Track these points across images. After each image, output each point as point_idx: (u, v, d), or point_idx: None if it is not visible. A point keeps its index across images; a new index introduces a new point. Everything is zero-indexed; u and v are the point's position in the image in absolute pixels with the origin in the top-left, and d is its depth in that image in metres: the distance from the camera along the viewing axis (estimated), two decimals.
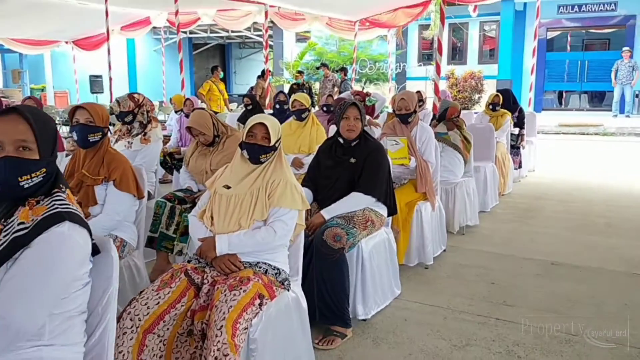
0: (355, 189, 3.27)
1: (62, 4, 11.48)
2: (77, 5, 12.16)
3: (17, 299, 1.44)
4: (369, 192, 3.25)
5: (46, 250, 1.49)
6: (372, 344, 3.08)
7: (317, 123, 5.11)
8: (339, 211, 3.22)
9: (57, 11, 12.35)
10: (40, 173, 1.58)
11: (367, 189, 3.25)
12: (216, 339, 2.08)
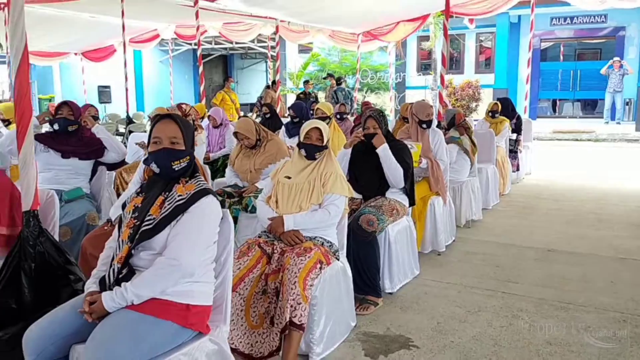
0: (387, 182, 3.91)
1: (74, 17, 11.83)
2: (89, 18, 12.58)
3: (184, 247, 2.05)
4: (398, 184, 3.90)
5: (199, 214, 2.12)
6: (400, 311, 3.69)
7: (338, 129, 5.74)
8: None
9: (70, 24, 12.76)
10: (185, 160, 2.21)
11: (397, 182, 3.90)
12: (292, 292, 2.70)
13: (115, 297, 2.00)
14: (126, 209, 2.25)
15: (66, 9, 11.48)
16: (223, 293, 2.29)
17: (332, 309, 3.06)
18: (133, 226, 2.14)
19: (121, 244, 2.14)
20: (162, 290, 2.04)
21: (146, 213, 2.14)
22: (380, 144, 3.84)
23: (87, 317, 2.00)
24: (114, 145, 4.22)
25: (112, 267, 2.12)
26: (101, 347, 1.86)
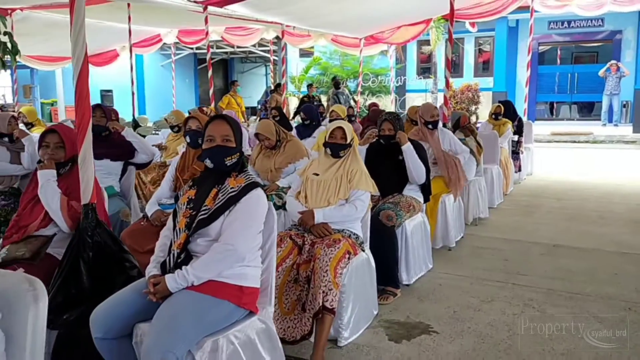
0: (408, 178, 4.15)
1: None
2: (94, 23, 12.68)
3: (238, 234, 2.27)
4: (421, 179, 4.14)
5: (250, 205, 2.34)
6: (417, 300, 3.92)
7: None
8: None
9: None
10: (236, 156, 2.43)
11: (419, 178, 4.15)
12: (324, 279, 2.92)
13: (178, 279, 2.21)
14: (180, 200, 2.47)
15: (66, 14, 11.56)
16: (268, 277, 2.51)
17: (358, 296, 3.29)
18: (189, 216, 2.36)
19: (179, 232, 2.36)
20: (218, 273, 2.26)
21: (202, 204, 2.36)
22: (404, 142, 4.08)
23: (151, 297, 2.22)
24: (143, 147, 4.43)
25: (172, 252, 2.34)
26: (168, 323, 2.08)
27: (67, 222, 2.80)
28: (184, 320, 2.09)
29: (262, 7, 9.77)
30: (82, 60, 2.49)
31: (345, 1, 9.93)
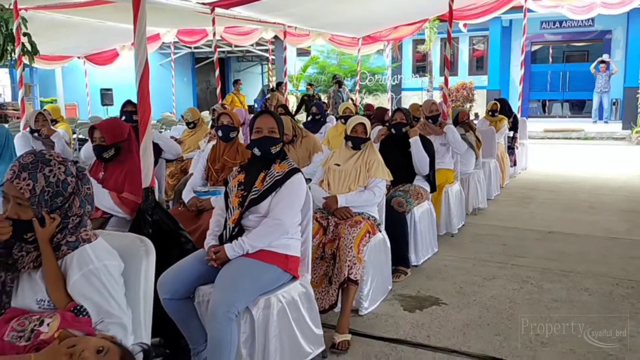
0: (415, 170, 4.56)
1: (81, 22, 12.03)
2: (96, 23, 12.86)
3: (285, 211, 2.68)
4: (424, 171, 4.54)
5: (293, 186, 2.74)
6: (426, 279, 4.33)
7: None
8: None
9: (76, 29, 13.04)
10: (279, 145, 2.83)
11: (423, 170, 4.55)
12: (349, 254, 3.32)
13: (235, 248, 2.61)
14: (230, 184, 2.88)
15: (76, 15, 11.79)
16: (306, 248, 2.92)
17: (376, 272, 3.70)
18: (241, 196, 2.76)
19: (233, 210, 2.76)
20: (268, 243, 2.66)
21: (252, 186, 2.76)
22: (414, 134, 4.51)
23: (212, 263, 2.62)
24: (169, 148, 4.78)
25: (227, 227, 2.74)
26: (230, 283, 2.47)
27: (125, 211, 3.19)
28: (243, 281, 2.49)
29: (266, 9, 10.13)
30: (143, 64, 2.88)
31: (347, 3, 10.33)
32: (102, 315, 1.74)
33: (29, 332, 1.58)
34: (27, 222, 1.75)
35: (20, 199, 1.74)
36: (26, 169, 1.74)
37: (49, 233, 1.76)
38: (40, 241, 1.75)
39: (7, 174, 1.75)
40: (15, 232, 1.75)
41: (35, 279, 1.77)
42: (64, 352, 1.46)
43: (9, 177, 1.74)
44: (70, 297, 1.73)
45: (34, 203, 1.75)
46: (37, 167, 1.76)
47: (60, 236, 1.78)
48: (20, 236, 1.76)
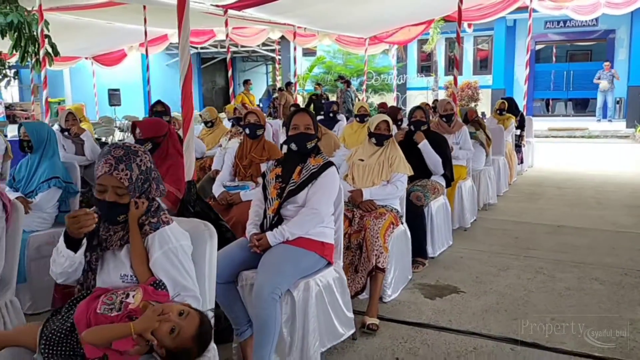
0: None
1: (90, 23, 12.18)
2: (105, 24, 13.00)
3: (321, 201, 2.88)
4: (445, 168, 4.75)
5: (328, 178, 2.95)
6: (443, 269, 4.54)
7: None
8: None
9: (85, 30, 13.16)
10: (314, 141, 3.04)
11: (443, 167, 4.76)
12: (375, 244, 3.53)
13: (276, 235, 2.82)
14: (268, 177, 3.09)
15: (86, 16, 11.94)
16: (338, 237, 3.13)
17: (398, 261, 3.91)
18: (279, 188, 2.98)
19: (272, 200, 2.97)
20: (306, 231, 2.87)
21: (289, 178, 2.98)
22: (421, 139, 4.70)
23: (255, 250, 2.83)
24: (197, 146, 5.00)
25: (267, 216, 2.95)
26: (273, 267, 2.68)
27: (167, 204, 3.40)
28: (285, 265, 2.70)
29: (277, 10, 10.35)
30: (187, 66, 3.09)
31: (356, 4, 10.53)
32: (179, 289, 1.96)
33: (118, 303, 1.80)
34: (122, 206, 1.97)
35: (120, 187, 1.96)
36: (122, 161, 1.96)
37: (139, 214, 1.98)
38: (131, 222, 1.98)
39: (102, 168, 1.95)
40: (112, 215, 1.97)
41: (120, 257, 1.99)
42: (155, 319, 1.68)
43: (107, 170, 1.95)
44: (151, 273, 1.95)
45: (131, 190, 1.98)
46: (130, 158, 1.98)
47: (144, 217, 2.00)
48: (115, 219, 1.98)
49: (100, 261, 2.00)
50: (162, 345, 1.75)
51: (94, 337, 1.70)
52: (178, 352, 1.78)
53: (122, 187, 1.97)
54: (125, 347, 1.71)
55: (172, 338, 1.74)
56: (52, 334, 1.79)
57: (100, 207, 1.98)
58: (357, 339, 3.24)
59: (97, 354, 1.73)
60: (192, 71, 8.37)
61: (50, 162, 3.80)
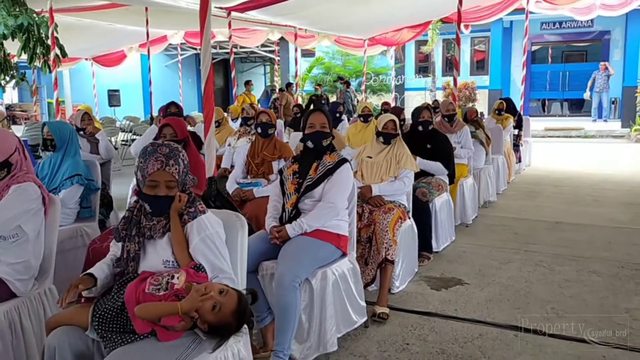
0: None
1: (91, 25, 12.39)
2: (106, 26, 13.10)
3: (337, 195, 3.06)
4: (447, 167, 4.94)
5: (343, 174, 3.12)
6: (447, 263, 4.73)
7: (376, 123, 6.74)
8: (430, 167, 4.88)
9: (86, 31, 13.26)
10: (330, 139, 3.22)
11: (445, 166, 4.94)
12: (385, 237, 3.71)
13: (295, 227, 3.00)
14: (285, 173, 3.27)
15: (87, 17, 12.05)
16: (352, 229, 3.31)
17: (405, 254, 4.09)
18: (297, 183, 3.16)
19: (290, 195, 3.15)
20: (323, 223, 3.05)
21: (306, 174, 3.16)
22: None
23: (275, 241, 3.00)
24: None
25: (285, 210, 3.13)
26: (293, 257, 2.86)
27: None
28: (304, 255, 2.88)
29: (279, 12, 10.53)
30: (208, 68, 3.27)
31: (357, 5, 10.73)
32: (216, 272, 2.14)
33: (165, 284, 1.97)
34: (171, 198, 2.16)
35: (173, 182, 2.14)
36: (170, 157, 2.14)
37: (181, 207, 2.16)
38: (173, 212, 2.16)
39: (153, 165, 2.12)
40: (163, 207, 2.16)
41: (161, 244, 2.16)
42: (199, 299, 1.87)
43: (159, 167, 2.13)
44: (191, 258, 2.12)
45: (180, 182, 2.15)
46: (176, 154, 2.17)
47: (184, 208, 2.18)
48: (165, 211, 2.17)
49: (142, 249, 2.18)
50: (205, 321, 1.94)
51: (145, 313, 1.88)
52: (219, 327, 1.97)
53: (174, 180, 2.15)
54: (172, 323, 1.89)
55: (214, 314, 1.92)
56: (104, 312, 1.97)
57: (151, 201, 2.16)
58: (369, 327, 3.42)
59: (146, 330, 1.91)
60: (193, 72, 8.41)
61: (73, 160, 3.96)
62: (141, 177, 2.16)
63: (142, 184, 2.17)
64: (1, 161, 2.60)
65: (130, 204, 2.45)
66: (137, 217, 2.21)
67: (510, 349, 3.13)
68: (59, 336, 1.95)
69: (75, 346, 1.96)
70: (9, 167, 2.64)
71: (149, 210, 2.18)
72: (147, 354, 1.87)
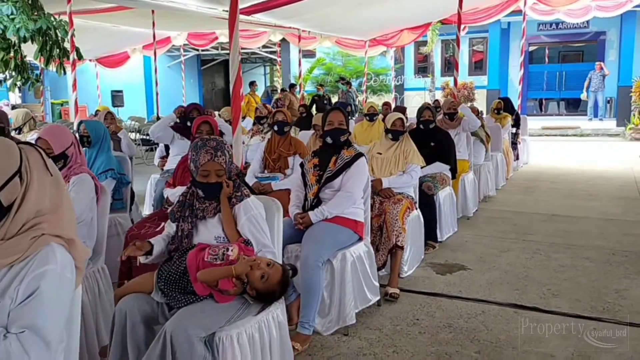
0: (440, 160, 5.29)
1: (96, 26, 12.66)
2: (111, 27, 13.35)
3: (355, 185, 3.40)
4: (449, 162, 5.29)
5: (360, 167, 3.47)
6: (450, 251, 5.07)
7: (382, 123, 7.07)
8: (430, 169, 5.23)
9: (91, 33, 13.46)
10: (347, 135, 3.56)
11: (447, 161, 5.29)
12: (395, 225, 4.06)
13: (317, 214, 3.35)
14: (306, 166, 3.61)
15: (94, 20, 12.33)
16: (367, 216, 3.65)
17: (413, 242, 4.44)
18: (317, 175, 3.50)
19: (311, 186, 3.50)
20: (342, 210, 3.39)
21: (326, 166, 3.50)
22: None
23: (299, 227, 3.35)
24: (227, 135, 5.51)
25: (307, 199, 3.48)
26: (316, 240, 3.20)
27: None
28: (326, 238, 3.23)
29: (284, 15, 10.87)
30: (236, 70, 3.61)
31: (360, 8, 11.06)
32: (260, 247, 2.48)
33: (221, 255, 2.32)
34: (220, 185, 2.50)
35: (221, 170, 2.48)
36: (218, 149, 2.48)
37: (230, 190, 2.51)
38: (222, 196, 2.50)
39: (204, 157, 2.46)
40: (215, 192, 2.51)
41: (212, 223, 2.51)
42: (249, 264, 2.21)
43: (210, 158, 2.47)
44: (239, 234, 2.47)
45: (227, 171, 2.49)
46: (222, 147, 2.51)
47: (231, 192, 2.53)
48: (217, 195, 2.51)
49: (194, 228, 2.53)
50: (254, 288, 2.28)
51: (206, 276, 2.22)
52: (265, 294, 2.32)
53: (222, 169, 2.49)
54: (227, 287, 2.23)
55: (262, 282, 2.27)
56: (168, 275, 2.31)
57: (204, 187, 2.50)
58: (382, 305, 3.76)
59: (205, 292, 2.26)
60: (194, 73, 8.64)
61: (106, 155, 4.29)
62: (194, 167, 2.49)
63: (195, 173, 2.50)
64: (59, 153, 2.94)
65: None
66: (189, 200, 2.56)
67: (511, 323, 3.48)
68: (127, 302, 2.29)
69: (143, 309, 2.30)
70: (65, 159, 2.98)
71: (202, 195, 2.52)
72: (207, 313, 2.22)
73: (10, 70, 8.70)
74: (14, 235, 1.51)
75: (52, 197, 1.57)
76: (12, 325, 1.46)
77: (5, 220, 1.52)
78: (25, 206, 1.52)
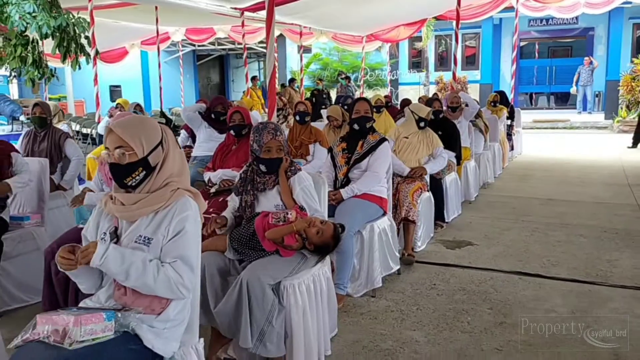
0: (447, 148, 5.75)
1: (98, 22, 12.89)
2: (111, 23, 13.62)
3: (380, 166, 3.85)
4: (455, 150, 5.76)
5: (383, 150, 3.91)
6: (457, 230, 5.55)
7: (387, 114, 7.53)
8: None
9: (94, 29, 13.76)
10: (372, 122, 4.01)
11: (454, 149, 5.76)
12: (405, 201, 4.51)
13: (348, 191, 3.80)
14: (335, 150, 4.06)
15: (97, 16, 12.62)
16: (389, 194, 4.11)
17: (425, 221, 4.90)
18: (346, 157, 3.96)
19: (341, 167, 3.95)
20: (369, 188, 3.85)
21: (354, 150, 3.96)
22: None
23: (331, 202, 3.79)
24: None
25: (337, 179, 3.94)
26: (348, 213, 3.65)
27: None
28: (356, 212, 3.68)
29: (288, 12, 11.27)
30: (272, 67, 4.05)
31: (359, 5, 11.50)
32: (312, 211, 2.93)
33: (282, 218, 2.77)
34: (281, 159, 2.94)
35: (280, 146, 2.92)
36: (277, 129, 2.93)
37: (287, 165, 2.95)
38: (281, 170, 2.95)
39: (267, 136, 2.89)
40: (277, 165, 2.94)
41: (272, 194, 2.96)
42: (306, 222, 2.68)
43: (272, 137, 2.90)
44: (294, 202, 2.92)
45: (284, 148, 2.93)
46: (279, 128, 2.96)
47: (287, 167, 2.98)
48: (278, 168, 2.95)
49: (255, 200, 2.98)
50: (311, 242, 2.75)
51: (273, 235, 2.68)
52: (321, 247, 2.78)
53: (281, 145, 2.93)
54: (291, 242, 2.70)
55: (318, 237, 2.73)
56: (240, 237, 2.76)
57: (267, 162, 2.93)
58: (401, 274, 4.23)
59: (272, 248, 2.72)
60: (190, 68, 9.12)
61: None
62: (257, 147, 2.93)
63: (258, 152, 2.94)
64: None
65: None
66: (250, 176, 3.00)
67: (517, 286, 3.97)
68: (205, 258, 2.71)
69: (218, 264, 2.74)
70: None
71: (264, 170, 2.96)
72: (274, 265, 2.68)
73: (28, 65, 9.07)
74: (157, 189, 1.97)
75: (179, 164, 2.03)
76: (166, 257, 1.93)
77: (151, 177, 1.98)
78: (165, 168, 1.99)
